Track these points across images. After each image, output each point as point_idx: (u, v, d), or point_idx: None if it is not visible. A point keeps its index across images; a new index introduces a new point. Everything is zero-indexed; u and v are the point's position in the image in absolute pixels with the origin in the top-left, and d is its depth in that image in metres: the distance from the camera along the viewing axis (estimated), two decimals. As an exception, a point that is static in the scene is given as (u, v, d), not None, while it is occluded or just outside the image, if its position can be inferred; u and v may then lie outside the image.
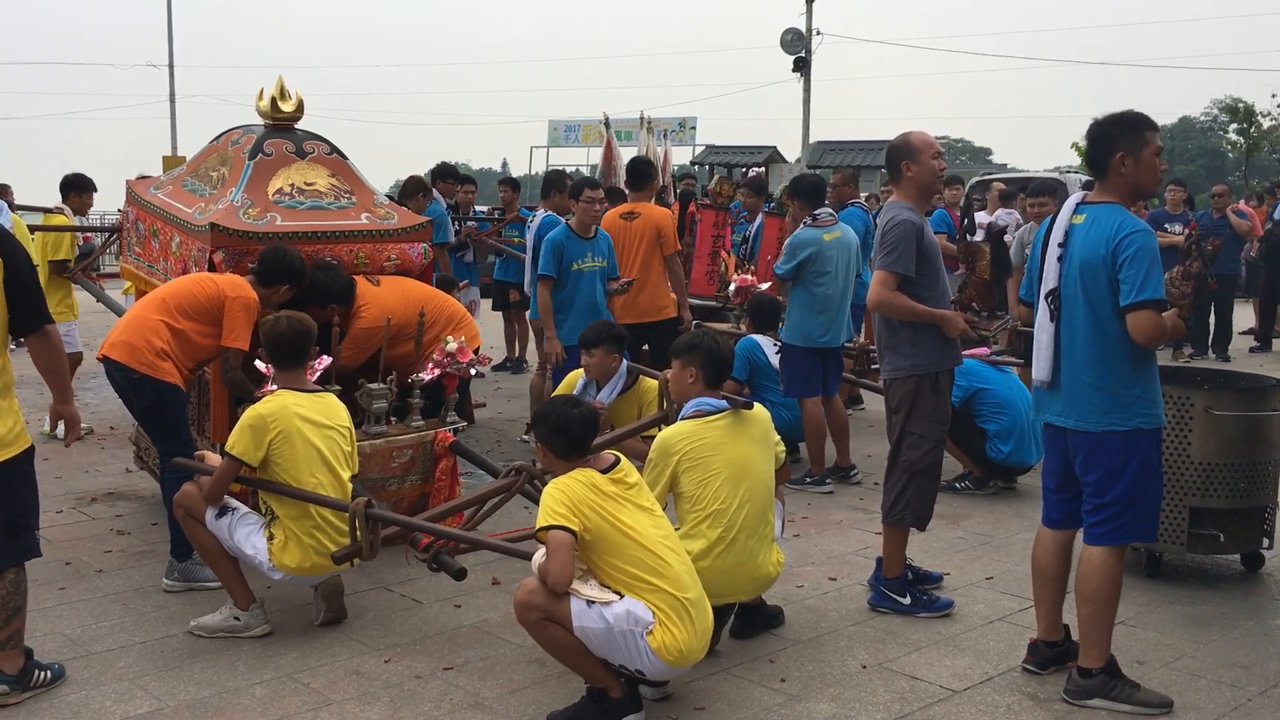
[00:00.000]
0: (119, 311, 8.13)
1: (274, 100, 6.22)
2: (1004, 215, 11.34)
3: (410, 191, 9.14)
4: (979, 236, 9.13)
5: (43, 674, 4.10)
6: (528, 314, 8.76)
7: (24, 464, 3.99)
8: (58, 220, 9.01)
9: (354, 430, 4.92)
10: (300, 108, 6.31)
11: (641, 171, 8.30)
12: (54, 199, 9.41)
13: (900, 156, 4.89)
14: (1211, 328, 12.81)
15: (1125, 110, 4.03)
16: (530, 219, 8.17)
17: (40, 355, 4.07)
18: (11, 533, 3.95)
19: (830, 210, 7.17)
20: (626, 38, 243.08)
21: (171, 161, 21.05)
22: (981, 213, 12.02)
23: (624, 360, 5.91)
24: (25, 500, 4.01)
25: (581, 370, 6.02)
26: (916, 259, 4.78)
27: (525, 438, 8.00)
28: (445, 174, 11.16)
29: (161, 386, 5.02)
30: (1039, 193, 8.54)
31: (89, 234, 9.63)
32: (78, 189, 9.29)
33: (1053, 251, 4.06)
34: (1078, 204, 4.09)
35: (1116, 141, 3.96)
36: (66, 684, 4.17)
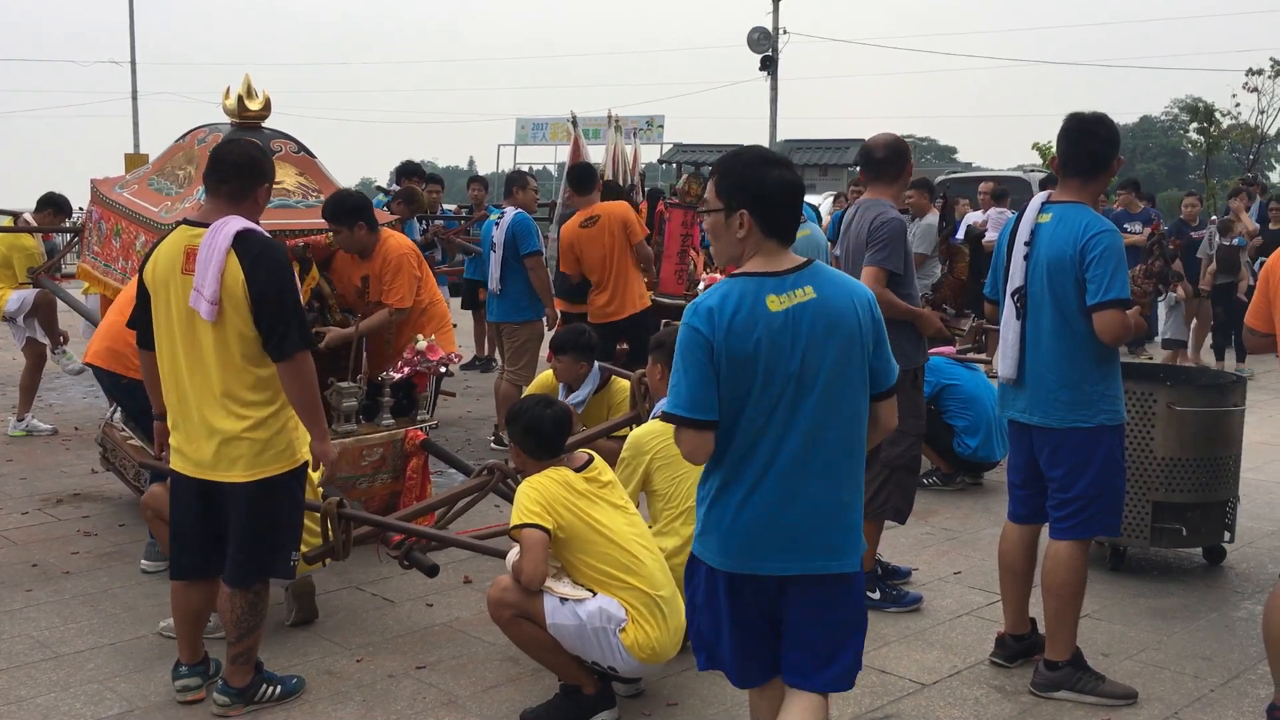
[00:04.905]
0: (84, 312, 8.06)
1: (240, 99, 6.18)
2: (995, 214, 11.43)
3: (405, 197, 9.16)
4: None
5: (271, 689, 4.00)
6: (488, 315, 8.71)
7: (285, 484, 3.87)
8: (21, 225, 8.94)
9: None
10: (267, 106, 6.27)
11: (587, 174, 8.32)
12: (14, 198, 9.34)
13: (908, 159, 4.99)
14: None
15: (1102, 113, 4.10)
16: (498, 217, 8.12)
17: None
18: (258, 554, 3.88)
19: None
20: (594, 36, 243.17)
21: (134, 159, 20.85)
22: (977, 212, 12.09)
23: (594, 363, 5.93)
24: (278, 522, 3.90)
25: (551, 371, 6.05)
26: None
27: (494, 445, 7.99)
28: (410, 172, 11.11)
29: None
30: (912, 187, 9.59)
31: (50, 234, 9.53)
32: (55, 208, 9.23)
33: (1019, 250, 4.12)
34: (1043, 203, 4.15)
35: (1117, 144, 4.07)
36: (35, 686, 4.14)
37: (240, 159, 3.84)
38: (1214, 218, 13.18)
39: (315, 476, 4.62)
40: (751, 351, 2.68)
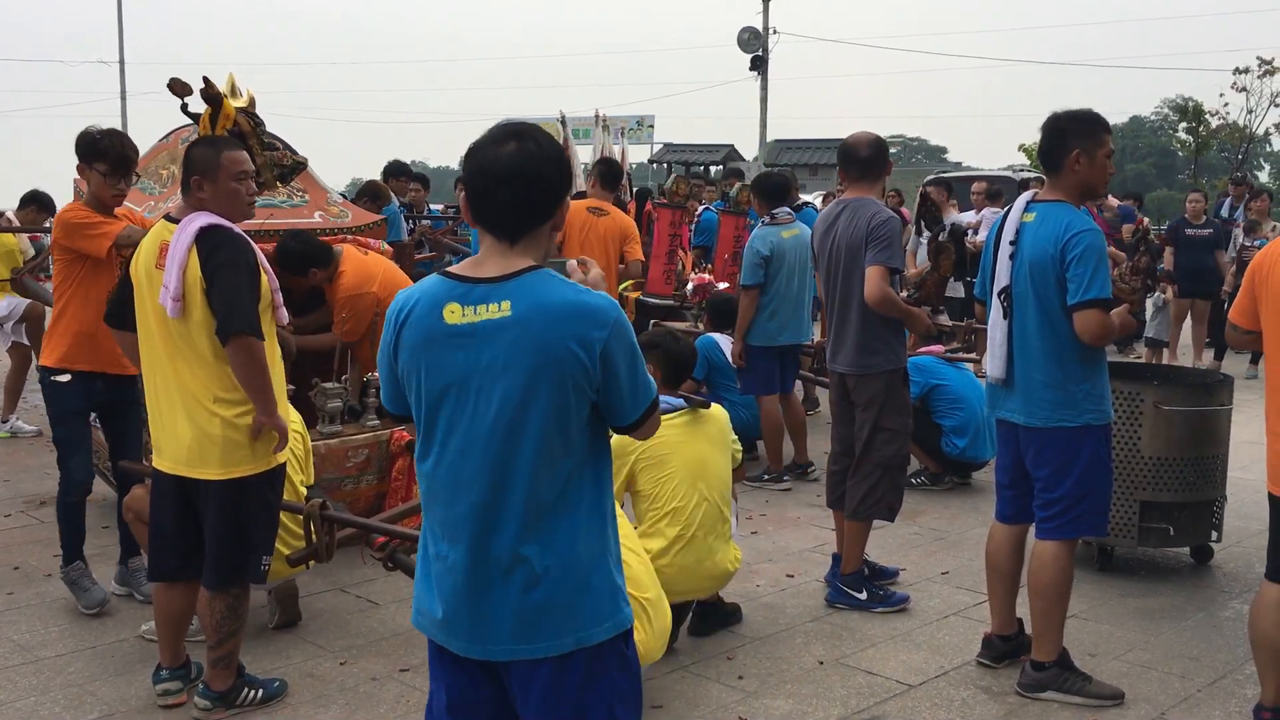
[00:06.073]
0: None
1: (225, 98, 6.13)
2: (989, 214, 11.43)
3: (368, 193, 9.09)
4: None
5: (253, 692, 3.97)
6: None
7: (257, 485, 3.84)
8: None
9: (308, 434, 4.88)
10: (252, 105, 6.22)
11: (616, 173, 8.35)
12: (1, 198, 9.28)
13: (888, 156, 5.02)
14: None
15: (1084, 109, 4.08)
16: None
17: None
18: (232, 555, 3.84)
19: (788, 209, 7.20)
20: (583, 36, 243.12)
21: (122, 159, 20.72)
22: (969, 212, 12.09)
23: None
24: (251, 524, 3.86)
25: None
26: None
27: None
28: (397, 172, 11.10)
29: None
30: (932, 184, 9.28)
31: (37, 235, 9.46)
32: (38, 205, 9.15)
33: (1004, 250, 4.10)
34: (1028, 202, 4.14)
35: (1073, 139, 4.00)
36: (14, 690, 4.11)
37: (185, 158, 3.84)
38: (1233, 219, 13.03)
39: (298, 479, 4.60)
40: (411, 367, 2.25)
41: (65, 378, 4.71)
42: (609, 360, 2.20)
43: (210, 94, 4.83)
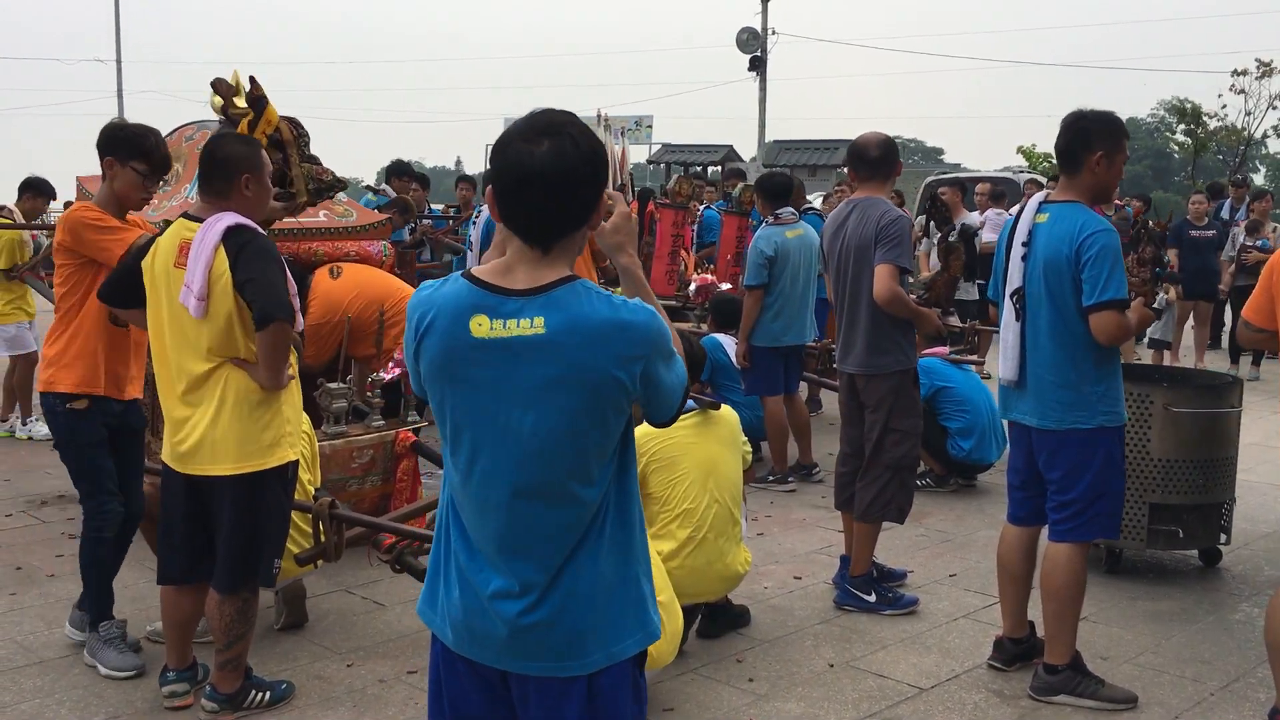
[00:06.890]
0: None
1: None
2: (993, 215, 11.42)
3: (398, 207, 9.08)
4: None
5: (260, 694, 3.94)
6: None
7: (270, 482, 3.78)
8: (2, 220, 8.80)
9: (314, 435, 4.84)
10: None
11: None
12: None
13: (898, 157, 5.03)
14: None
15: (1108, 111, 4.06)
16: (476, 215, 8.14)
17: None
18: (246, 556, 3.80)
19: (792, 209, 7.18)
20: (583, 36, 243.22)
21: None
22: (974, 213, 12.09)
23: None
24: (263, 523, 3.81)
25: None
26: None
27: None
28: (399, 172, 11.10)
29: None
30: (946, 185, 9.43)
31: (35, 233, 9.38)
32: (35, 191, 9.07)
33: (1017, 251, 4.08)
34: (1041, 202, 4.11)
35: (1099, 141, 3.97)
36: (19, 692, 4.07)
37: (219, 155, 3.78)
38: (1234, 221, 13.03)
39: (306, 479, 4.57)
40: (433, 378, 2.13)
41: (83, 404, 4.22)
42: (650, 377, 2.10)
43: (255, 95, 4.74)
